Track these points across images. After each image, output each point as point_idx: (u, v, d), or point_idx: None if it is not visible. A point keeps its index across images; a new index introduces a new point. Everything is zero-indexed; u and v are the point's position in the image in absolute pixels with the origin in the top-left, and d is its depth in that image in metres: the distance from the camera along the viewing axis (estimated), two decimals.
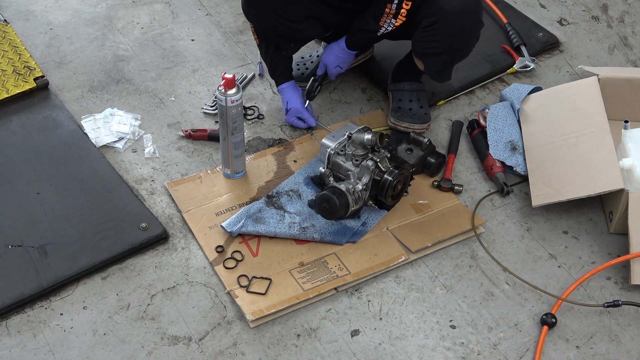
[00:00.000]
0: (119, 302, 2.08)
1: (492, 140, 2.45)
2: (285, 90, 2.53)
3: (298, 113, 2.52)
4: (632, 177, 2.23)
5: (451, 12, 2.22)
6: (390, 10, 2.26)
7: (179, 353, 1.98)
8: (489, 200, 2.38)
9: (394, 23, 2.30)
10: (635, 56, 2.92)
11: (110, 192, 2.33)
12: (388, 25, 2.31)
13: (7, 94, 2.58)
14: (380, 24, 2.31)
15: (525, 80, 2.78)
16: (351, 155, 2.24)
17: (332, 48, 2.50)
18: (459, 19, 2.23)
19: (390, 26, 2.31)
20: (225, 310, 2.07)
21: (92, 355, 1.97)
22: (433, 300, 2.12)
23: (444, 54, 2.31)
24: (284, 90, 2.54)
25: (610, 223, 2.29)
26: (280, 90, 2.55)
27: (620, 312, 2.09)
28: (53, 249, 2.16)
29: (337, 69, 2.52)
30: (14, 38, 2.82)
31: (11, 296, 2.05)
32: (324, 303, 2.10)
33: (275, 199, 2.29)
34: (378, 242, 2.23)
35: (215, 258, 2.18)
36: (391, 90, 2.58)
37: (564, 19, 3.07)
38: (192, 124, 2.58)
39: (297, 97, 2.52)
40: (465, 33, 2.29)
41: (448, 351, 2.01)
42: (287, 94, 2.53)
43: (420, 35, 2.31)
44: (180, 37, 2.92)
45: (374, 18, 2.31)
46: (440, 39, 2.26)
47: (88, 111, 2.60)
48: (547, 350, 2.02)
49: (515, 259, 2.22)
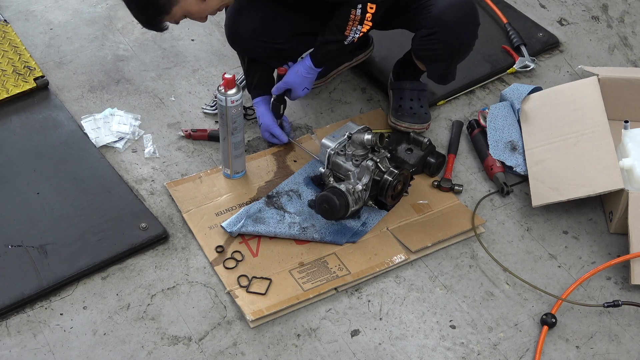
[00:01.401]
0: (119, 302, 2.08)
1: (492, 140, 2.46)
2: (258, 105, 2.47)
3: (269, 129, 2.45)
4: (632, 177, 2.23)
5: (449, 23, 2.22)
6: (355, 17, 2.17)
7: (179, 353, 1.98)
8: (489, 200, 2.38)
9: (360, 29, 2.21)
10: (635, 56, 2.92)
11: (110, 192, 2.33)
12: (355, 32, 2.21)
13: (7, 94, 2.58)
14: (346, 33, 2.21)
15: (525, 80, 2.78)
16: (351, 155, 2.24)
17: (297, 69, 2.35)
18: (457, 28, 2.23)
19: (357, 33, 2.21)
20: (225, 310, 2.07)
21: (92, 355, 1.97)
22: (433, 300, 2.12)
23: (445, 60, 2.33)
24: (257, 105, 2.47)
25: (610, 223, 2.29)
26: (255, 104, 2.48)
27: (620, 312, 2.09)
28: (53, 249, 2.16)
29: (304, 91, 2.38)
30: (14, 38, 2.82)
31: (11, 296, 2.05)
32: (324, 303, 2.10)
33: (275, 199, 2.29)
34: (378, 242, 2.23)
35: (215, 258, 2.18)
36: (392, 88, 2.58)
37: (564, 19, 3.07)
38: (192, 124, 2.58)
39: (269, 113, 2.45)
40: (464, 40, 2.30)
41: (448, 351, 2.01)
42: (260, 108, 2.46)
43: (419, 43, 2.31)
44: (180, 37, 2.92)
45: (338, 27, 2.22)
46: (440, 47, 2.27)
47: (88, 111, 2.60)
48: (547, 350, 2.02)
49: (515, 259, 2.22)
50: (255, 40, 2.34)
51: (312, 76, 2.36)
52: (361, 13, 2.17)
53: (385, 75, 2.67)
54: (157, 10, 2.06)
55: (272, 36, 2.34)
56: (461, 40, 2.29)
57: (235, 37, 2.38)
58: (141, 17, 2.11)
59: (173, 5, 2.05)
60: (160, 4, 2.04)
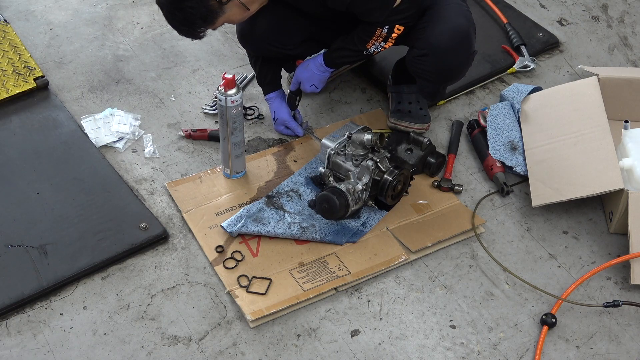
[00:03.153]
0: (119, 302, 2.08)
1: (492, 140, 2.45)
2: (272, 100, 2.52)
3: (285, 123, 2.51)
4: (632, 177, 2.23)
5: (439, 49, 2.21)
6: (380, 34, 2.21)
7: (179, 353, 1.98)
8: (489, 200, 2.38)
9: (383, 46, 2.25)
10: (635, 56, 2.92)
11: (110, 192, 2.33)
12: (376, 47, 2.25)
13: (7, 94, 2.58)
14: (367, 46, 2.25)
15: (525, 80, 2.78)
16: (351, 155, 2.24)
17: (308, 65, 2.40)
18: (447, 56, 2.22)
19: (378, 49, 2.26)
20: (225, 310, 2.07)
21: (92, 355, 1.97)
22: (433, 300, 2.12)
23: (434, 82, 2.34)
24: (271, 100, 2.52)
25: (610, 223, 2.29)
26: (268, 100, 2.53)
27: (620, 312, 2.09)
28: (53, 249, 2.16)
29: (312, 88, 2.43)
30: (14, 38, 2.82)
31: (11, 296, 2.05)
32: (324, 303, 2.10)
33: (275, 199, 2.29)
34: (378, 242, 2.23)
35: (215, 258, 2.18)
36: (391, 91, 2.58)
37: (564, 19, 3.07)
38: (192, 124, 2.58)
39: (284, 107, 2.50)
40: (453, 68, 2.29)
41: (448, 351, 2.01)
42: (274, 103, 2.51)
43: (411, 60, 2.32)
44: (180, 37, 2.90)
45: (360, 40, 2.25)
46: (430, 70, 2.27)
47: (88, 111, 2.60)
48: (547, 350, 2.02)
49: (515, 259, 2.22)
50: (266, 42, 2.35)
51: (321, 74, 2.39)
52: (387, 32, 2.20)
53: (385, 76, 2.67)
54: (202, 22, 2.05)
55: (283, 41, 2.36)
56: (451, 67, 2.28)
57: (248, 37, 2.38)
58: (183, 29, 2.10)
59: (218, 16, 2.06)
60: (207, 17, 2.04)
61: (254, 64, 2.51)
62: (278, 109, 2.50)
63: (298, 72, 2.43)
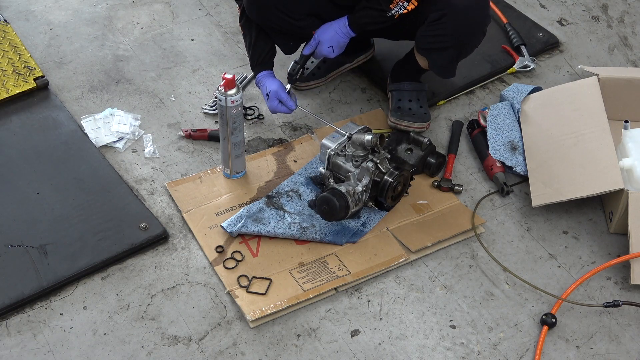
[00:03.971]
0: (119, 302, 2.08)
1: (492, 140, 2.45)
2: (264, 78, 2.43)
3: (277, 95, 2.40)
4: (632, 177, 2.23)
5: (459, 7, 2.21)
6: None
7: (179, 353, 1.98)
8: (489, 200, 2.38)
9: (406, 6, 2.23)
10: (635, 56, 2.92)
11: (110, 192, 2.33)
12: (400, 8, 2.24)
13: (7, 94, 2.58)
14: (391, 6, 2.24)
15: (525, 80, 2.78)
16: (351, 156, 2.23)
17: (331, 25, 2.36)
18: (466, 14, 2.22)
19: (402, 9, 2.24)
20: (225, 310, 2.07)
21: (92, 355, 1.97)
22: (433, 300, 2.12)
23: (450, 48, 2.31)
24: (263, 78, 2.43)
25: (610, 223, 2.29)
26: (259, 79, 2.44)
27: (620, 312, 2.09)
28: (53, 249, 2.16)
29: (329, 50, 2.38)
30: (14, 38, 2.82)
31: (11, 296, 2.05)
32: (324, 303, 2.10)
33: (275, 199, 2.29)
34: (378, 242, 2.23)
35: (215, 258, 2.18)
36: (391, 90, 2.58)
37: (564, 19, 3.07)
38: (192, 124, 2.58)
39: (277, 80, 2.42)
40: (472, 27, 2.29)
41: (448, 351, 2.01)
42: (266, 80, 2.42)
43: (426, 29, 2.30)
44: (180, 37, 2.92)
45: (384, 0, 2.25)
46: (447, 33, 2.25)
47: (88, 111, 2.60)
48: (547, 350, 2.02)
49: (515, 259, 2.22)
50: (273, 7, 2.31)
51: (343, 36, 2.36)
52: None
53: (385, 76, 2.67)
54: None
55: (290, 8, 2.32)
56: (469, 28, 2.27)
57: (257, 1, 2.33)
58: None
59: None
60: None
61: (248, 44, 2.45)
62: (270, 83, 2.41)
63: (319, 32, 2.38)
